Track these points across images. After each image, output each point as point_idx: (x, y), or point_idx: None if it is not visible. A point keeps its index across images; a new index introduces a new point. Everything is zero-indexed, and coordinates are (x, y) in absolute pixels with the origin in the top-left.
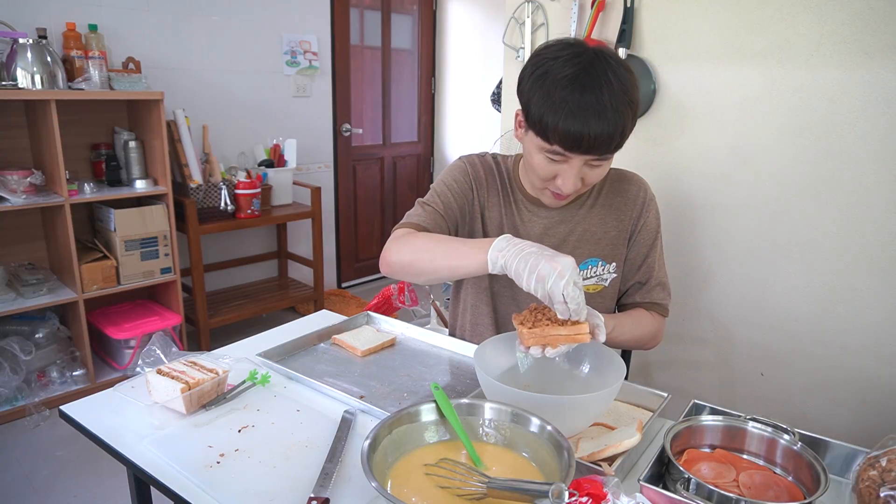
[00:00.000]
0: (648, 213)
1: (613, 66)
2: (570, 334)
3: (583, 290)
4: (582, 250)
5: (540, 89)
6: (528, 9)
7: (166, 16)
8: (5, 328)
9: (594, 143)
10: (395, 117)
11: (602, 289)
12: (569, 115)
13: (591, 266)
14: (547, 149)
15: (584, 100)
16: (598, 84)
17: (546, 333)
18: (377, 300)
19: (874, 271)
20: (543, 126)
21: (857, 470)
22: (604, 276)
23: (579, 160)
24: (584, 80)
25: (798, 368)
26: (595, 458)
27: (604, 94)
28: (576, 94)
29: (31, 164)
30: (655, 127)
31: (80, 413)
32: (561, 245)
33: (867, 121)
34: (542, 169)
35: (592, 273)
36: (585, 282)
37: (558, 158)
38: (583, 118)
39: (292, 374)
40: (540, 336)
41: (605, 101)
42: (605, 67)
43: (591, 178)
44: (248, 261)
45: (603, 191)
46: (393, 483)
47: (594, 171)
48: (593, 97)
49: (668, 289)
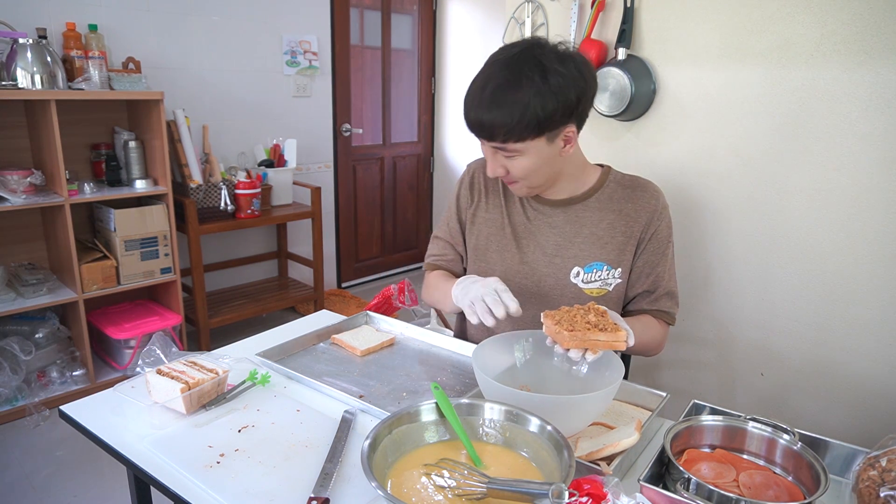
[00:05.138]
0: (660, 222)
1: (535, 61)
2: (609, 340)
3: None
4: (587, 253)
5: (469, 87)
6: (528, 9)
7: (166, 16)
8: (5, 328)
9: (489, 131)
10: (395, 117)
11: (606, 293)
12: (471, 104)
13: (595, 270)
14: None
15: (484, 90)
16: (503, 77)
17: (587, 338)
18: (377, 300)
19: (874, 271)
20: (465, 118)
21: (857, 470)
22: (608, 281)
23: (489, 148)
24: (491, 74)
25: (798, 368)
26: (593, 458)
27: (505, 85)
28: (479, 85)
29: (31, 164)
30: (655, 127)
31: (80, 413)
32: (566, 245)
33: (867, 121)
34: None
35: (597, 277)
36: (590, 285)
37: (482, 147)
38: (479, 107)
39: (292, 374)
40: (581, 340)
41: (502, 92)
42: (523, 63)
43: (514, 169)
44: (248, 261)
45: (615, 196)
46: (393, 483)
47: (512, 163)
48: (492, 88)
49: (676, 298)
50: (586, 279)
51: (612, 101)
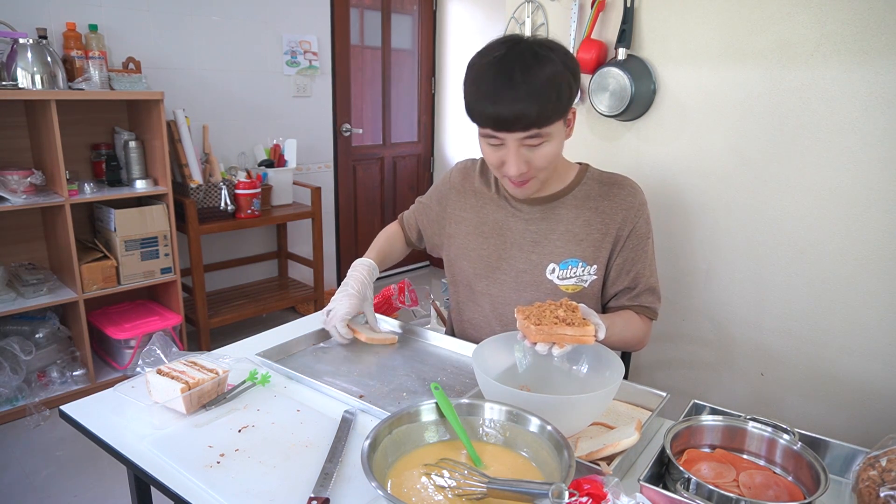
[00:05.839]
0: (638, 219)
1: (538, 49)
2: (577, 335)
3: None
4: (562, 249)
5: (467, 80)
6: (528, 9)
7: (166, 16)
8: (5, 328)
9: (512, 119)
10: (395, 117)
11: (581, 290)
12: (485, 95)
13: (570, 266)
14: (484, 134)
15: (498, 79)
16: (513, 65)
17: (553, 332)
18: (377, 300)
19: (874, 271)
20: (471, 112)
21: (857, 470)
22: (584, 278)
23: (513, 140)
24: (500, 63)
25: (798, 368)
26: (593, 458)
27: (516, 72)
28: (490, 75)
29: (31, 164)
30: (655, 127)
31: (80, 413)
32: (541, 242)
33: (867, 121)
34: (490, 157)
35: (572, 273)
36: (565, 281)
37: (496, 143)
38: (496, 96)
39: (292, 373)
40: (547, 334)
41: (517, 78)
42: (525, 50)
43: (537, 160)
44: (248, 261)
45: (592, 193)
46: (393, 483)
47: (536, 152)
48: (506, 75)
49: (657, 293)
50: (561, 275)
51: (612, 101)
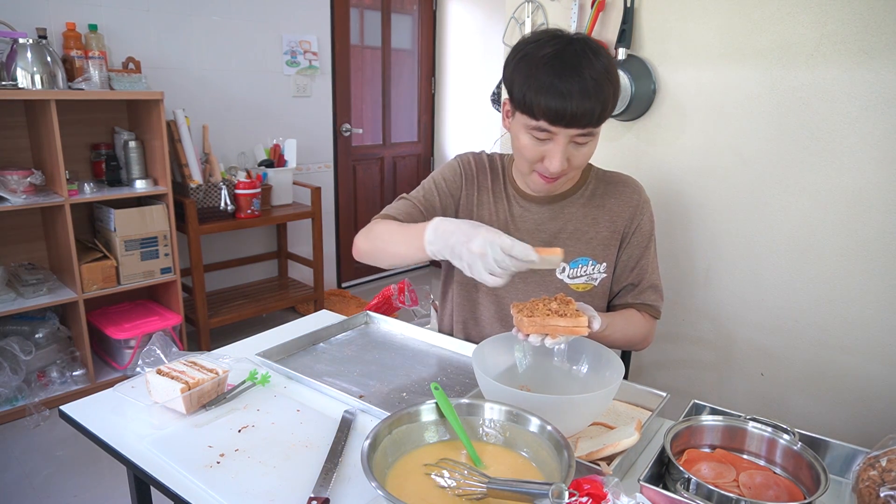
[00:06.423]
0: (643, 217)
1: (592, 46)
2: (569, 325)
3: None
4: (572, 248)
5: (522, 70)
6: (528, 9)
7: (166, 16)
8: (5, 328)
9: (577, 116)
10: (395, 117)
11: (592, 288)
12: (550, 88)
13: (581, 265)
14: (533, 126)
15: (565, 73)
16: (577, 60)
17: (545, 323)
18: (377, 300)
19: (874, 271)
20: (528, 104)
21: (857, 470)
22: (594, 276)
23: (564, 136)
24: (562, 56)
25: (798, 368)
26: (593, 458)
27: (583, 68)
28: (556, 69)
29: (31, 164)
30: (655, 127)
31: (80, 413)
32: (551, 241)
33: (867, 121)
34: (530, 151)
35: (582, 272)
36: (575, 280)
37: (544, 136)
38: (564, 91)
39: (292, 373)
40: (540, 325)
41: (585, 75)
42: (583, 47)
43: (578, 158)
44: (248, 261)
45: (598, 192)
46: (393, 483)
47: (580, 151)
48: (573, 71)
49: (660, 291)
50: (572, 274)
51: None
